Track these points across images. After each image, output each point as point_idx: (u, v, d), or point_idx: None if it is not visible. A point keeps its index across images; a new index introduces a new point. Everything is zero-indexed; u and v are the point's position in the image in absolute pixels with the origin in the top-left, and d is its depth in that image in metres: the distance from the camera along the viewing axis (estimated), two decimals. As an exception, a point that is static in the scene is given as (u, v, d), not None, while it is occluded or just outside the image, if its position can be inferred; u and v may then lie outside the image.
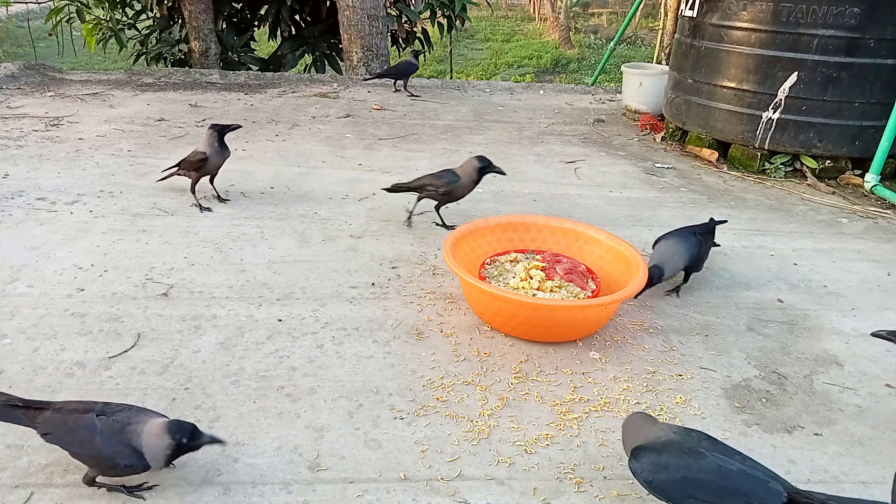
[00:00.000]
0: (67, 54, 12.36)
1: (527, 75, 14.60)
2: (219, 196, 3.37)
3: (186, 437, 1.55)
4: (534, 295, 2.40)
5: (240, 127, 3.05)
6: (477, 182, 3.09)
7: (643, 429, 1.63)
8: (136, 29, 8.50)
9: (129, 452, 1.55)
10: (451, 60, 13.62)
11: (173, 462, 1.64)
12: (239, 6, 8.50)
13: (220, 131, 3.01)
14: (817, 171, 4.19)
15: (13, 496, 1.63)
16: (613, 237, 2.68)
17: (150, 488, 1.67)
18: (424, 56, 10.72)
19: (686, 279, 2.76)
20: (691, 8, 4.48)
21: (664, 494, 1.52)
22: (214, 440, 1.59)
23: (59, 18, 7.85)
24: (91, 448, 1.56)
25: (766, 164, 4.29)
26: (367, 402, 2.02)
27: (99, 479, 1.64)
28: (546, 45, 17.70)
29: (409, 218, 3.24)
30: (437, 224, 3.21)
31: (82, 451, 1.59)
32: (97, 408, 1.61)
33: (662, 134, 5.03)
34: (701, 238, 2.71)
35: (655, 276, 2.51)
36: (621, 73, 5.89)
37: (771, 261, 3.10)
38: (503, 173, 3.07)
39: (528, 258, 2.69)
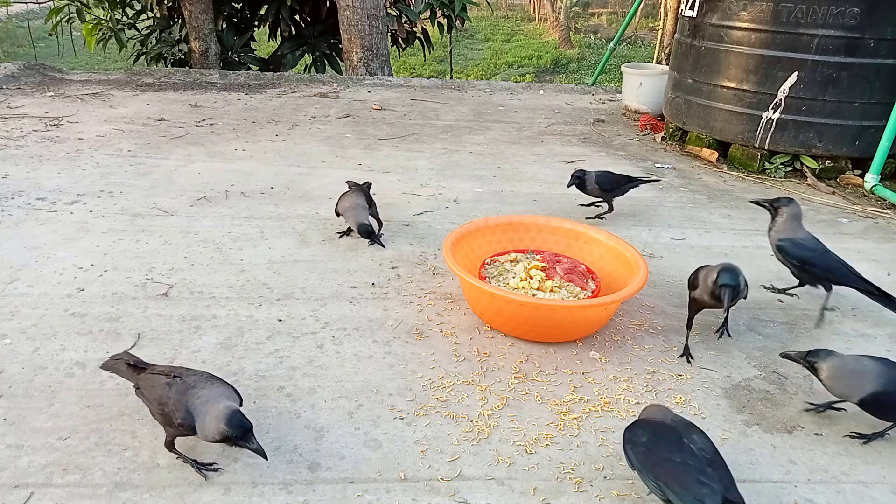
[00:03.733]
0: (67, 54, 12.36)
1: (527, 75, 14.61)
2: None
3: (235, 434, 1.59)
4: (534, 295, 2.40)
5: None
6: None
7: (651, 414, 1.76)
8: (136, 29, 8.50)
9: (183, 412, 1.65)
10: (451, 60, 13.64)
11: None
12: (239, 6, 8.51)
13: None
14: (817, 171, 4.19)
15: (13, 496, 1.63)
16: (613, 237, 2.67)
17: (216, 470, 1.74)
18: (424, 56, 10.71)
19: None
20: (691, 8, 4.48)
21: (631, 464, 1.65)
22: (259, 452, 1.62)
23: (59, 18, 7.86)
24: (158, 404, 1.70)
25: (766, 164, 4.29)
26: (367, 402, 2.02)
27: (176, 446, 1.74)
28: (546, 45, 17.71)
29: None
30: None
31: (153, 408, 1.72)
32: (177, 371, 1.75)
33: (662, 134, 5.03)
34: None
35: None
36: (621, 73, 5.89)
37: (771, 261, 3.09)
38: None
39: (528, 258, 2.69)
